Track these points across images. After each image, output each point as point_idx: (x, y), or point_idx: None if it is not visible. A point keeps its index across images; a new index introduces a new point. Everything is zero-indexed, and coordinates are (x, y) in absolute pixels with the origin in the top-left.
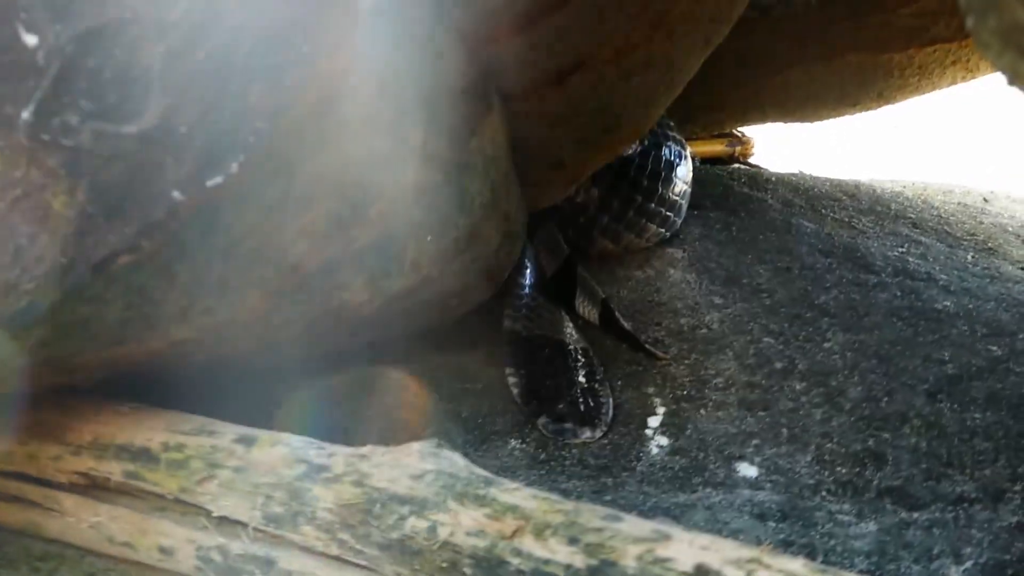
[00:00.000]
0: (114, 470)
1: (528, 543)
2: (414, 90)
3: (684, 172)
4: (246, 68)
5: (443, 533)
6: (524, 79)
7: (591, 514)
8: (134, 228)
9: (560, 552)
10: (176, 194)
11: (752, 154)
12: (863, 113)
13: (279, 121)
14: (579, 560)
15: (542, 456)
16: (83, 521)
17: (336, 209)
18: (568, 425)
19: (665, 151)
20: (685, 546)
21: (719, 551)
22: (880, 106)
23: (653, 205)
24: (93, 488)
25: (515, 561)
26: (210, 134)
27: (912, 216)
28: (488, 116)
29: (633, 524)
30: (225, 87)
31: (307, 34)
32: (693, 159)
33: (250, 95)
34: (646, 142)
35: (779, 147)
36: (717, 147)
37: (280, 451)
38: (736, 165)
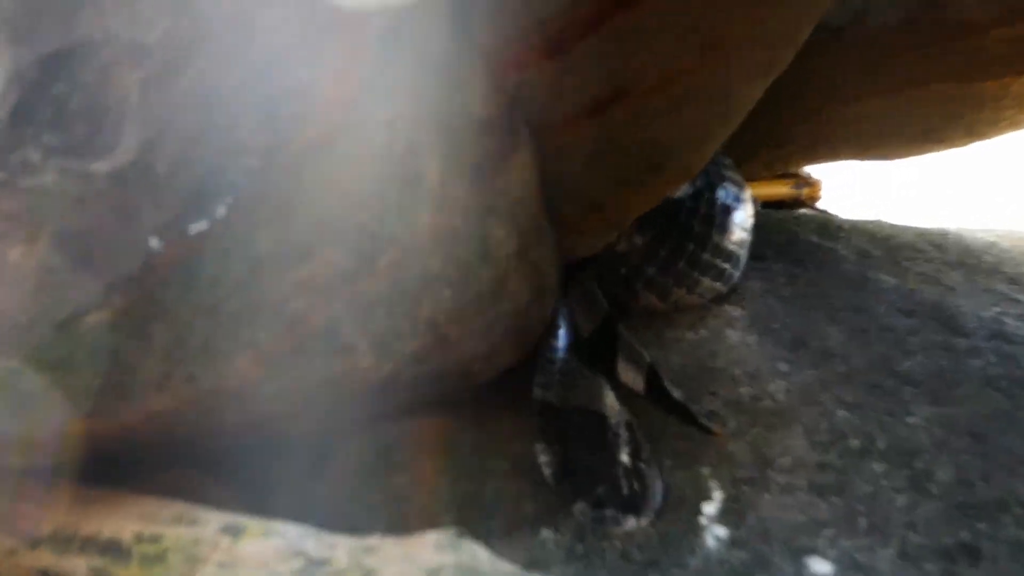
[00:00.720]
0: (78, 567)
1: None
2: (430, 123)
3: (743, 218)
4: (236, 98)
5: None
6: (556, 110)
7: None
8: (105, 282)
9: None
10: (154, 242)
11: (820, 197)
12: (949, 151)
13: (274, 158)
14: None
15: (579, 548)
16: None
17: (340, 260)
18: (609, 512)
19: (721, 193)
20: None
21: None
22: (969, 143)
23: (707, 255)
24: None
25: None
26: (194, 173)
27: (1008, 271)
28: (515, 152)
29: None
30: (211, 119)
31: (307, 59)
32: (753, 203)
33: (240, 129)
34: (698, 183)
35: (851, 190)
36: (781, 189)
37: (273, 543)
38: (803, 210)
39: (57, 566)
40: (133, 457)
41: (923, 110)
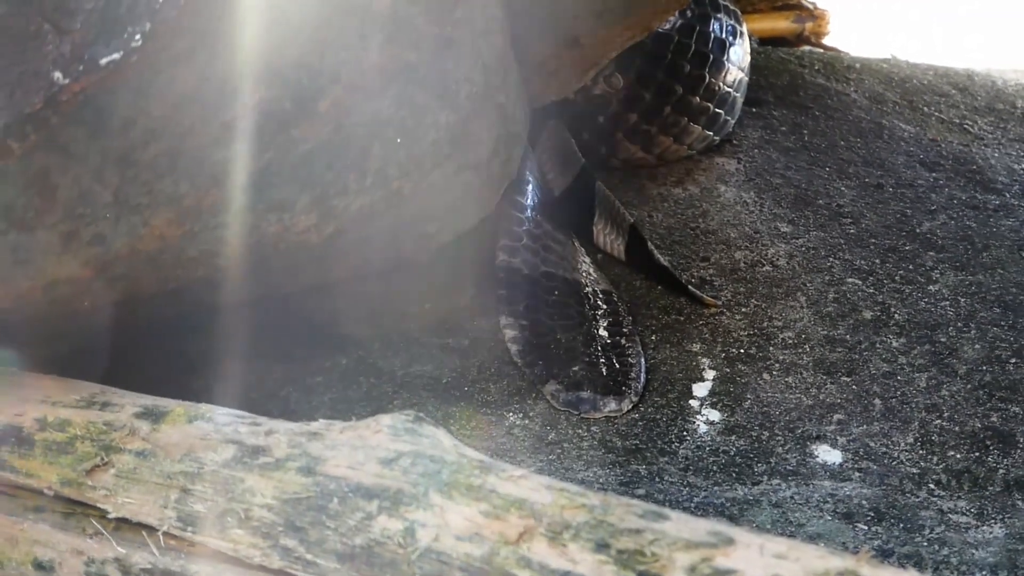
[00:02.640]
0: None
1: (540, 549)
2: None
3: (739, 55)
4: None
5: (425, 537)
6: None
7: (625, 510)
8: (0, 122)
9: (584, 561)
10: (57, 75)
11: (827, 33)
12: None
13: None
14: (610, 572)
15: (550, 436)
16: None
17: (273, 100)
18: (585, 394)
19: (714, 26)
20: (754, 553)
21: (799, 559)
22: None
23: (698, 99)
24: None
25: (523, 575)
26: None
27: None
28: None
29: (682, 524)
30: None
31: None
32: (750, 38)
33: None
34: (689, 13)
35: (862, 24)
36: (780, 23)
37: (200, 428)
38: (806, 47)
39: None
40: (32, 333)
41: None
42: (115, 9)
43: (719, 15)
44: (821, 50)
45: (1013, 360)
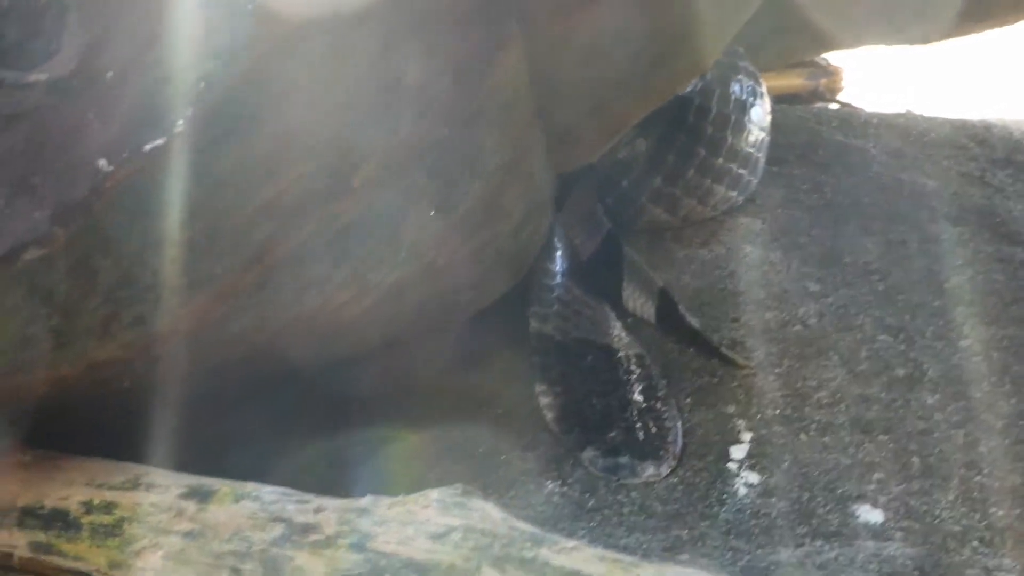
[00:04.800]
0: (18, 542)
1: None
2: (407, 16)
3: (760, 115)
4: None
5: None
6: None
7: None
8: (47, 212)
9: None
10: (102, 163)
11: (842, 88)
12: (992, 31)
13: (237, 62)
14: None
15: (590, 503)
16: None
17: (309, 178)
18: (623, 459)
19: (735, 88)
20: None
21: None
22: (1018, 20)
23: (720, 160)
24: None
25: None
26: (147, 81)
27: None
28: (504, 49)
29: None
30: (168, 17)
31: None
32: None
33: (200, 27)
34: (709, 76)
35: (874, 79)
36: (795, 80)
37: (247, 507)
38: (821, 104)
39: None
40: (74, 415)
41: None
42: (157, 97)
43: (739, 76)
44: (837, 106)
45: None
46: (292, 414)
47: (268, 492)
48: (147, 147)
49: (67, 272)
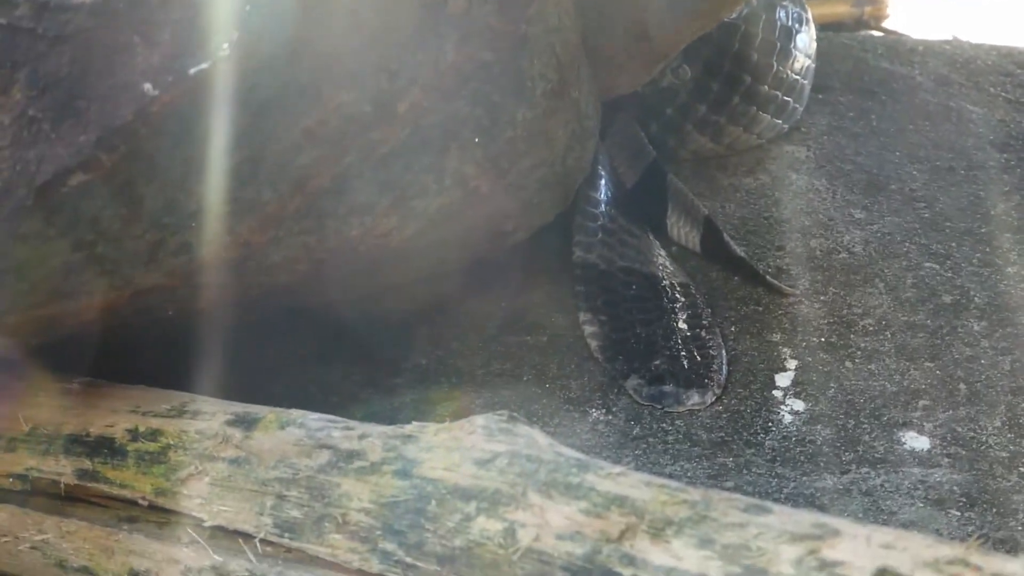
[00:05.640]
0: (64, 469)
1: (643, 547)
2: None
3: (806, 42)
4: None
5: (525, 537)
6: None
7: (727, 505)
8: (92, 136)
9: (688, 558)
10: (147, 87)
11: (887, 16)
12: None
13: None
14: (715, 568)
15: (635, 431)
16: (22, 541)
17: (352, 104)
18: (668, 388)
19: (780, 14)
20: (860, 544)
21: (907, 549)
22: None
23: (766, 88)
24: (36, 495)
25: (627, 572)
26: (192, 4)
27: None
28: None
29: (786, 517)
30: None
31: None
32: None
33: None
34: (755, 2)
35: (920, 6)
36: (840, 8)
37: (293, 434)
38: (867, 31)
39: (39, 469)
40: (119, 343)
41: None
42: (202, 19)
43: (785, 2)
44: (882, 34)
45: None
46: (337, 342)
47: (313, 419)
48: (192, 71)
49: (111, 198)
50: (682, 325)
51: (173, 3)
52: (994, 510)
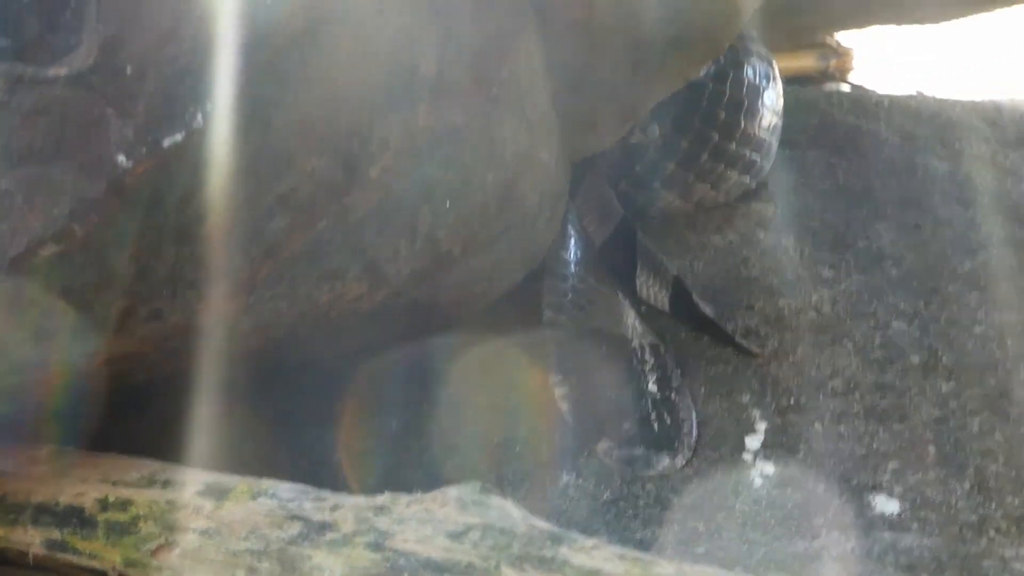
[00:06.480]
0: (33, 539)
1: None
2: (425, 1)
3: (773, 99)
4: None
5: None
6: None
7: None
8: (65, 208)
9: None
10: (121, 159)
11: (852, 69)
12: (1004, 10)
13: (256, 54)
14: None
15: (606, 495)
16: None
17: (325, 169)
18: (639, 451)
19: (748, 72)
20: None
21: None
22: None
23: (734, 145)
24: (4, 565)
25: None
26: (166, 76)
27: None
28: (521, 35)
29: None
30: (184, 11)
31: None
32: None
33: (219, 20)
34: (722, 60)
35: (884, 59)
36: (805, 61)
37: (264, 504)
38: (832, 85)
39: (7, 539)
40: (89, 409)
41: None
42: (176, 91)
43: (752, 60)
44: (848, 87)
45: None
46: (307, 405)
47: (285, 489)
48: (166, 142)
49: (83, 267)
50: (652, 387)
51: (147, 75)
52: (965, 575)
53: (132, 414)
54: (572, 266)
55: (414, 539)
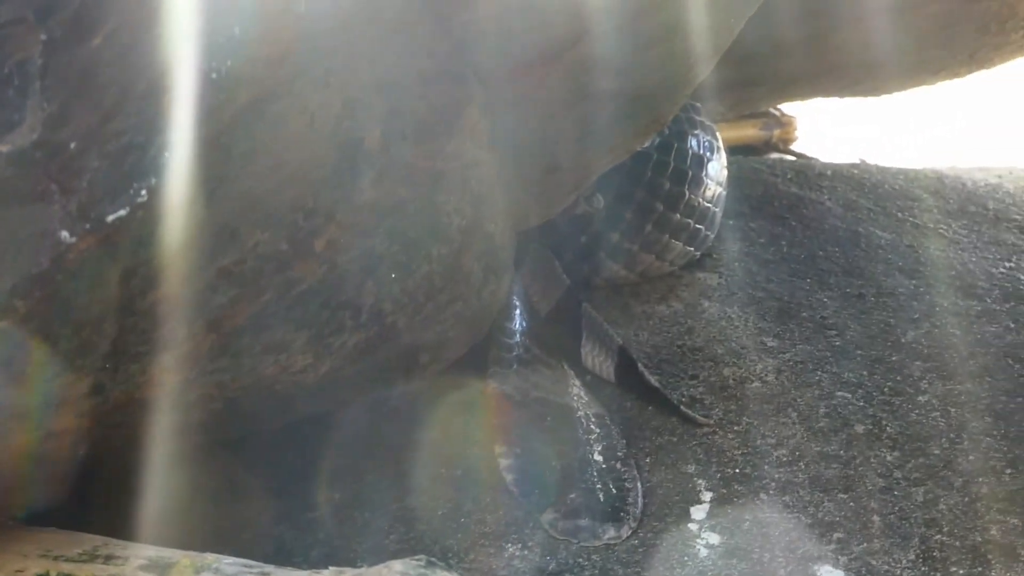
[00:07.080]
0: None
1: None
2: (370, 75)
3: (717, 169)
4: (157, 59)
5: None
6: (511, 55)
7: None
8: (7, 284)
9: None
10: (64, 235)
11: (795, 139)
12: (945, 83)
13: (203, 130)
14: None
15: (551, 566)
16: None
17: (269, 242)
18: (583, 522)
19: (692, 142)
20: None
21: None
22: (969, 72)
23: (678, 216)
24: None
25: None
26: (111, 151)
27: (1018, 217)
28: (467, 108)
29: None
30: (131, 85)
31: (239, 10)
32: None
33: (164, 95)
34: (666, 131)
35: (825, 127)
36: (749, 131)
37: None
38: (775, 155)
39: None
40: (30, 483)
41: (918, 36)
42: (120, 167)
43: (696, 131)
44: (791, 157)
45: (1008, 471)
46: (249, 476)
47: (228, 564)
48: (110, 217)
49: (22, 342)
50: (597, 457)
51: (90, 152)
52: None
53: (74, 488)
54: (517, 336)
55: None
